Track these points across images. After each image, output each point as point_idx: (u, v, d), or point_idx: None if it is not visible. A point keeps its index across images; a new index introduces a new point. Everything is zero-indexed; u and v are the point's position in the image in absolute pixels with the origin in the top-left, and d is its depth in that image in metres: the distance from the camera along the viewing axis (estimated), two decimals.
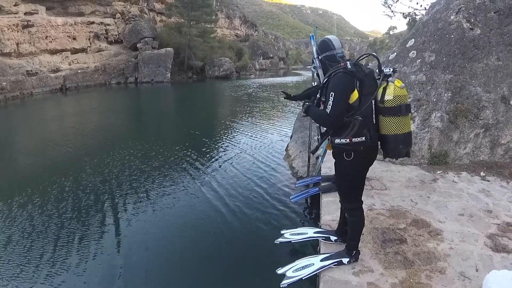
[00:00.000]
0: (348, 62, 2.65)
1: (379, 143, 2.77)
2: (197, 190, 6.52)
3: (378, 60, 2.78)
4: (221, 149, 9.37)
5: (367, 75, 2.65)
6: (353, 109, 2.60)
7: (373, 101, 2.63)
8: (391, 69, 2.62)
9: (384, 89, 2.59)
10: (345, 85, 2.59)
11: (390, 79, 2.60)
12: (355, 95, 2.59)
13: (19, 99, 19.19)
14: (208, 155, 8.85)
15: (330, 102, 2.60)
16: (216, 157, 8.67)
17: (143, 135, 11.43)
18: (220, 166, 7.88)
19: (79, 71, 24.92)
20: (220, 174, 7.34)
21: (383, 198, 4.47)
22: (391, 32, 67.68)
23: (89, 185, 6.79)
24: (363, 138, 2.61)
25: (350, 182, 2.92)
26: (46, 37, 22.86)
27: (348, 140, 2.64)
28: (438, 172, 5.29)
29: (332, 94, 2.60)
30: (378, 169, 5.45)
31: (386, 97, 2.55)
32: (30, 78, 20.85)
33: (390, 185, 4.87)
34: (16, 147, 10.60)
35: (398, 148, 2.64)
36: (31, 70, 21.04)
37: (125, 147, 9.63)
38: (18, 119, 15.29)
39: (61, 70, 23.63)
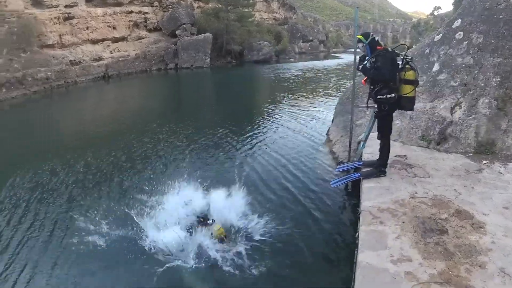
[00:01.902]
0: None
1: None
2: (235, 172, 6.67)
3: None
4: (260, 133, 9.50)
5: None
6: None
7: None
8: None
9: None
10: None
11: None
12: None
13: (63, 87, 20.26)
14: (247, 139, 9.02)
15: None
16: (256, 141, 8.81)
17: (184, 118, 11.78)
18: (259, 150, 8.03)
19: (120, 59, 25.77)
20: (259, 158, 7.48)
21: (425, 186, 4.39)
22: (435, 13, 64.25)
23: (132, 163, 7.33)
24: None
25: None
26: (87, 27, 23.73)
27: None
28: (484, 162, 5.08)
29: None
30: (422, 156, 5.33)
31: None
32: (74, 67, 21.88)
33: (433, 173, 4.76)
34: (64, 130, 11.43)
35: None
36: (74, 60, 22.04)
37: (168, 128, 10.08)
38: (64, 106, 16.26)
39: (103, 58, 24.53)
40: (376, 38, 4.68)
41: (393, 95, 4.39)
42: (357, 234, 3.73)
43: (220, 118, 11.66)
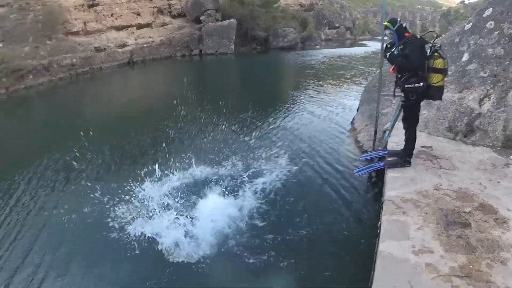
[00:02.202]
0: None
1: None
2: (258, 158, 6.84)
3: None
4: (284, 119, 9.66)
5: None
6: None
7: None
8: None
9: None
10: None
11: None
12: None
13: (89, 74, 20.74)
14: (272, 125, 9.21)
15: None
16: (281, 127, 8.98)
17: (209, 103, 11.96)
18: (282, 136, 8.18)
19: (145, 45, 26.08)
20: (282, 144, 7.61)
21: (450, 179, 4.37)
22: (466, 1, 62.18)
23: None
24: None
25: None
26: (112, 14, 24.04)
27: None
28: None
29: None
30: (448, 147, 5.28)
31: None
32: (99, 54, 22.32)
33: (459, 165, 4.72)
34: (90, 115, 11.95)
35: None
36: (99, 46, 22.46)
37: (193, 113, 10.35)
38: (90, 91, 16.76)
39: (128, 45, 24.87)
40: (404, 25, 4.58)
41: (422, 84, 4.33)
42: (379, 223, 3.77)
43: (245, 104, 11.79)
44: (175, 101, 11.94)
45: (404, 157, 4.76)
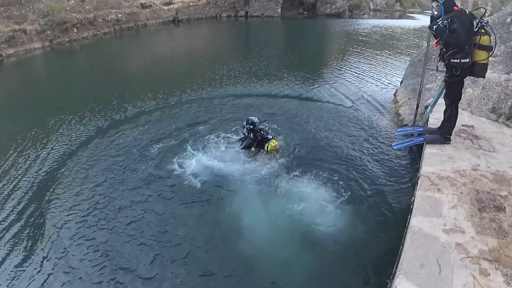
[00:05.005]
0: None
1: None
2: (297, 122, 7.07)
3: None
4: (325, 84, 9.75)
5: None
6: None
7: None
8: None
9: None
10: None
11: None
12: None
13: (133, 29, 20.99)
14: (310, 88, 9.33)
15: None
16: (320, 91, 9.10)
17: (246, 62, 12.19)
18: (322, 100, 8.35)
19: (191, 4, 25.89)
20: (322, 108, 7.77)
21: (489, 160, 4.32)
22: None
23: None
24: None
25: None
26: None
27: None
28: None
29: None
30: (490, 129, 5.17)
31: None
32: (144, 11, 22.37)
33: (499, 148, 4.64)
34: (134, 67, 12.53)
35: None
36: (145, 3, 22.48)
37: (236, 69, 10.81)
38: (135, 46, 17.08)
39: (174, 3, 24.79)
40: None
41: (468, 60, 4.21)
42: (412, 198, 3.80)
43: (288, 65, 12.00)
44: (218, 59, 12.23)
45: (444, 134, 4.72)
